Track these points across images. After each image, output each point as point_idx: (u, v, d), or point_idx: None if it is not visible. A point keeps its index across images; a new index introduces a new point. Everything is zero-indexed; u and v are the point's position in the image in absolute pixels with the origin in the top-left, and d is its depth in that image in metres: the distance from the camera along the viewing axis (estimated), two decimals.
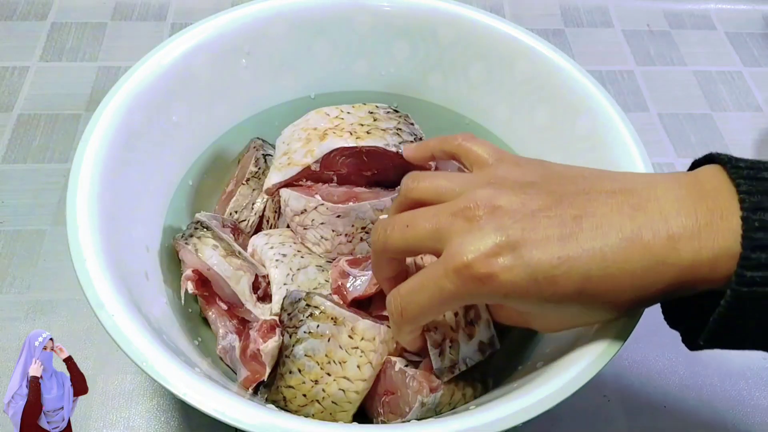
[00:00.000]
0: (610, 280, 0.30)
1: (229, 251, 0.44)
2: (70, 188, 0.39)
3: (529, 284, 0.30)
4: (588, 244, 0.30)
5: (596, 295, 0.30)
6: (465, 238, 0.31)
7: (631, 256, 0.29)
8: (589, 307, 0.32)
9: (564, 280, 0.30)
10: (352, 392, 0.39)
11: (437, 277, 0.31)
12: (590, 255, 0.30)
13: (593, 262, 0.30)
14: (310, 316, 0.40)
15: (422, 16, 0.52)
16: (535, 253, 0.30)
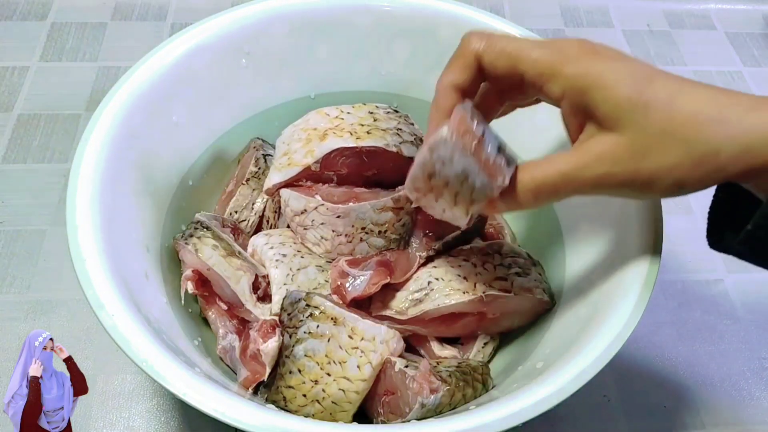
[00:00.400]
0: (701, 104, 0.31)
1: (229, 251, 0.44)
2: (70, 188, 0.39)
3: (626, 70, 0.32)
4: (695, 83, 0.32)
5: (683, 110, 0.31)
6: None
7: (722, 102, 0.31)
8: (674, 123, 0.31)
9: (661, 81, 0.32)
10: (352, 392, 0.39)
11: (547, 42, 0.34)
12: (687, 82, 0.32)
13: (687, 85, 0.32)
14: (310, 317, 0.40)
15: (422, 16, 0.52)
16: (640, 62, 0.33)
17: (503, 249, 0.46)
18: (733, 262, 0.53)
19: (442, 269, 0.45)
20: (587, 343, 0.36)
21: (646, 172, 0.32)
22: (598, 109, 0.32)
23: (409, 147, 0.46)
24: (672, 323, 0.58)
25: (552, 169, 0.34)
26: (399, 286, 0.45)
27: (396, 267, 0.45)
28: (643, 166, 0.32)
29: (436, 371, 0.40)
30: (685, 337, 0.57)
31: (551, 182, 0.34)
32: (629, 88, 0.32)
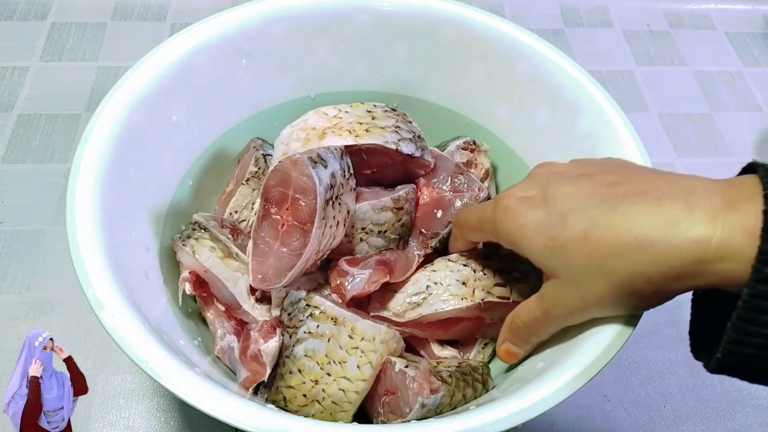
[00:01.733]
0: (615, 234, 0.31)
1: (227, 253, 0.44)
2: (70, 188, 0.39)
3: (542, 221, 0.34)
4: (610, 200, 0.32)
5: (599, 243, 0.32)
6: (517, 186, 0.37)
7: (645, 221, 0.31)
8: (594, 259, 0.32)
9: (573, 220, 0.33)
10: (352, 392, 0.39)
11: (487, 205, 0.39)
12: (606, 208, 0.32)
13: (604, 213, 0.32)
14: (310, 316, 0.40)
15: (422, 16, 0.52)
16: (560, 200, 0.34)
17: (503, 252, 0.46)
18: None
19: (441, 273, 0.44)
20: (587, 343, 0.36)
21: (595, 306, 0.35)
22: (532, 260, 0.36)
23: (407, 144, 0.46)
24: (672, 323, 0.58)
25: (531, 315, 0.38)
26: (398, 286, 0.45)
27: (395, 266, 0.45)
28: (589, 303, 0.34)
29: (437, 371, 0.40)
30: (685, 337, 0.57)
31: (536, 325, 0.38)
32: (545, 236, 0.34)
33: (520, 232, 0.35)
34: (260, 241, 0.41)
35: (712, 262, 0.29)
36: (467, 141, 0.52)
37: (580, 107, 0.48)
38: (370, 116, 0.46)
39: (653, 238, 0.30)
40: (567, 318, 0.37)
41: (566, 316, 0.36)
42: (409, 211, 0.46)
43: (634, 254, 0.31)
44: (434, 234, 0.47)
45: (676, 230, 0.30)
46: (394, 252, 0.46)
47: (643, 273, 0.31)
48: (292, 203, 0.40)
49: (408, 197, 0.46)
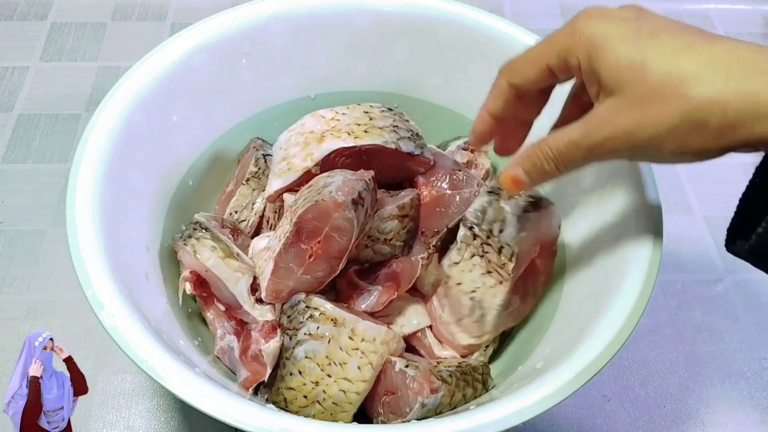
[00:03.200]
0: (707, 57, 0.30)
1: (228, 253, 0.44)
2: (70, 188, 0.39)
3: (633, 29, 0.32)
4: (707, 35, 0.31)
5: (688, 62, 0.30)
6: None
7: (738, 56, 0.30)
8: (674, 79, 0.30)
9: (666, 36, 0.31)
10: (353, 393, 0.39)
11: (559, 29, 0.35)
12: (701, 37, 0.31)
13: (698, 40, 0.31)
14: (310, 318, 0.40)
15: (422, 16, 0.52)
16: (655, 20, 0.33)
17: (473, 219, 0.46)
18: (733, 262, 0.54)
19: (467, 280, 0.44)
20: (587, 343, 0.36)
21: (645, 136, 0.31)
22: (602, 71, 0.32)
23: (406, 143, 0.46)
24: (672, 323, 0.58)
25: (564, 138, 0.34)
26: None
27: (402, 279, 0.45)
28: (641, 130, 0.31)
29: (437, 371, 0.40)
30: (685, 337, 0.57)
31: (566, 150, 0.34)
32: (629, 46, 0.31)
33: (601, 38, 0.32)
34: (283, 264, 0.41)
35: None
36: (467, 141, 0.52)
37: None
38: (367, 117, 0.46)
39: (744, 74, 0.29)
40: (605, 145, 0.32)
41: (607, 141, 0.32)
42: (414, 217, 0.46)
43: (721, 82, 0.29)
44: (435, 232, 0.47)
45: (763, 75, 0.29)
46: (400, 261, 0.46)
47: (722, 100, 0.29)
48: (325, 239, 0.40)
49: (413, 204, 0.45)
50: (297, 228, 0.40)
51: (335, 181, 0.40)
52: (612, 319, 0.36)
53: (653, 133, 0.31)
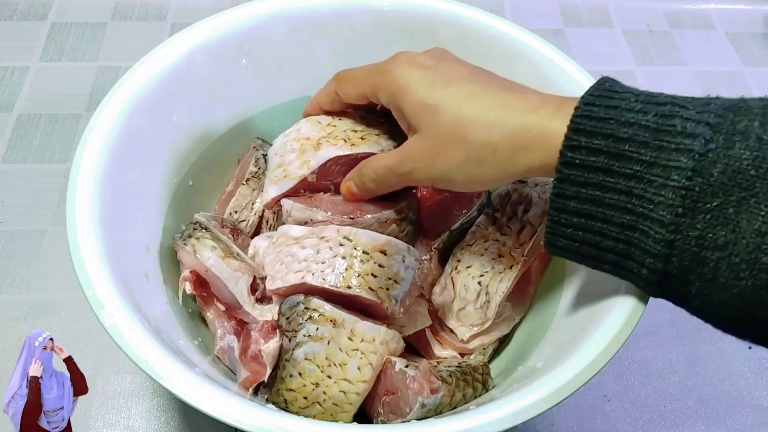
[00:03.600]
0: (483, 108, 0.36)
1: (228, 252, 0.44)
2: (70, 188, 0.39)
3: (425, 76, 0.38)
4: (487, 84, 0.38)
5: (467, 113, 0.36)
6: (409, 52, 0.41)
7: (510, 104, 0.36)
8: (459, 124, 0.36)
9: (456, 86, 0.37)
10: (353, 393, 0.39)
11: (377, 64, 0.42)
12: (483, 88, 0.37)
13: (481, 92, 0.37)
14: (309, 319, 0.40)
15: (422, 16, 0.52)
16: (450, 70, 0.39)
17: (496, 204, 0.47)
18: None
19: (477, 263, 0.45)
20: (587, 343, 0.36)
21: (440, 170, 0.38)
22: (405, 111, 0.39)
23: None
24: (672, 323, 0.58)
25: (382, 163, 0.41)
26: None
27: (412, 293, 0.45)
28: (437, 164, 0.38)
29: (437, 371, 0.40)
30: (685, 337, 0.57)
31: (383, 174, 0.41)
32: (424, 93, 0.37)
33: (405, 86, 0.38)
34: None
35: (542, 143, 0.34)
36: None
37: None
38: (364, 123, 0.46)
39: (511, 118, 0.35)
40: (412, 174, 0.39)
41: (413, 172, 0.39)
42: (413, 220, 0.46)
43: (493, 127, 0.35)
44: (437, 235, 0.47)
45: (529, 115, 0.34)
46: None
47: (492, 142, 0.35)
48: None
49: (411, 206, 0.45)
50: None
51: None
52: (612, 319, 0.36)
53: (446, 168, 0.37)
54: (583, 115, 0.32)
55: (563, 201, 0.33)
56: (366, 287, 0.40)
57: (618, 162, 0.31)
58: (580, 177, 0.32)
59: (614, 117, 0.31)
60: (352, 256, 0.40)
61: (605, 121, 0.31)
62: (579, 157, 0.31)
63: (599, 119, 0.32)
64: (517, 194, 0.46)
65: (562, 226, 0.33)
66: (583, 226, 0.33)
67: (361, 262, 0.40)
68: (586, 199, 0.32)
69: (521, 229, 0.45)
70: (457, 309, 0.46)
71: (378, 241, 0.41)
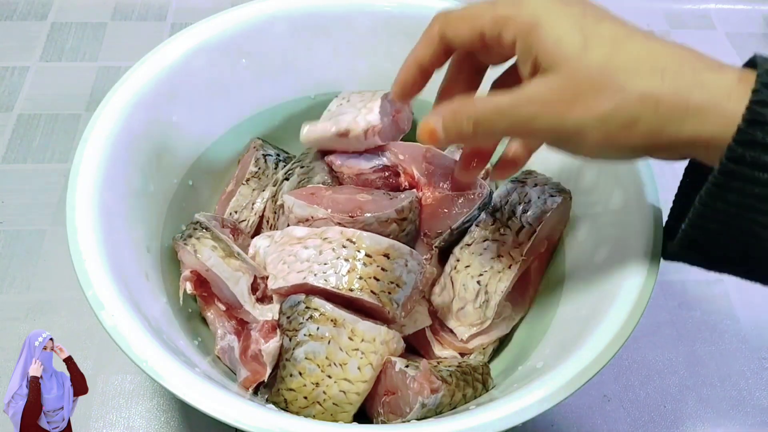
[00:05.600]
0: (646, 53, 0.29)
1: (228, 252, 0.44)
2: (70, 188, 0.39)
3: (577, 11, 0.30)
4: (648, 33, 0.30)
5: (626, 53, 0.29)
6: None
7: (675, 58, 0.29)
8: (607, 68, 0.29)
9: (609, 23, 0.30)
10: (353, 393, 0.39)
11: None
12: (643, 35, 0.30)
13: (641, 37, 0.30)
14: (310, 319, 0.40)
15: (422, 16, 0.52)
16: (599, 8, 0.31)
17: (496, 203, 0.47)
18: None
19: (476, 263, 0.45)
20: (587, 343, 0.36)
21: (573, 120, 0.30)
22: (540, 47, 0.31)
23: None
24: (672, 323, 0.58)
25: (492, 104, 0.32)
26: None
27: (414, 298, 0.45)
28: (570, 113, 0.30)
29: (437, 371, 0.40)
30: (685, 337, 0.57)
31: (490, 117, 0.32)
32: (572, 25, 0.30)
33: (543, 18, 0.30)
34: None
35: (706, 113, 0.28)
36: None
37: None
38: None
39: (685, 71, 0.29)
40: (531, 123, 0.31)
41: (533, 119, 0.31)
42: (413, 219, 0.46)
43: (660, 76, 0.28)
44: (438, 234, 0.47)
45: (707, 74, 0.29)
46: None
47: (655, 97, 0.28)
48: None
49: (412, 207, 0.45)
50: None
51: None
52: (612, 319, 0.36)
53: (581, 121, 0.30)
54: (762, 102, 0.26)
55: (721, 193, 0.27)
56: (368, 290, 0.40)
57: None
58: (748, 175, 0.26)
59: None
60: (354, 258, 0.40)
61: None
62: (751, 153, 0.26)
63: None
64: (516, 194, 0.47)
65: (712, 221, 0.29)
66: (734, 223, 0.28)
67: (363, 265, 0.40)
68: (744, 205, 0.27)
69: (520, 229, 0.45)
70: (457, 309, 0.46)
71: (381, 244, 0.41)
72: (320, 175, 0.48)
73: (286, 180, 0.50)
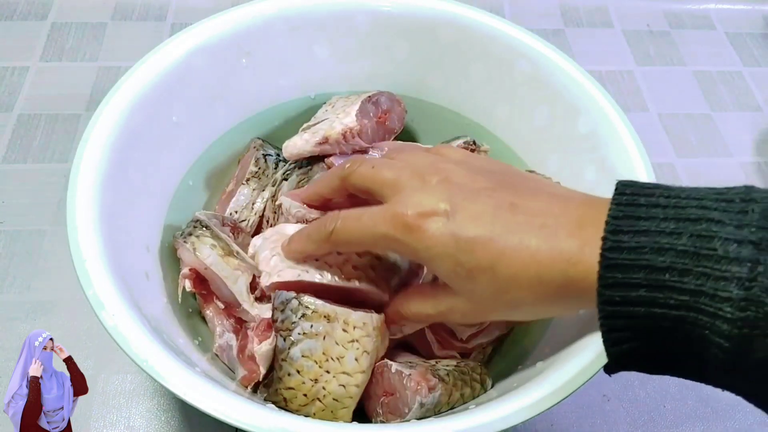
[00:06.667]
0: (519, 268, 0.33)
1: (227, 251, 0.44)
2: (70, 188, 0.39)
3: (449, 244, 0.34)
4: (513, 229, 0.33)
5: (504, 277, 0.33)
6: (414, 194, 0.35)
7: (546, 256, 0.32)
8: (499, 288, 0.34)
9: (481, 250, 0.33)
10: (353, 386, 0.39)
11: (377, 217, 0.36)
12: (511, 238, 0.33)
13: (509, 245, 0.33)
14: (303, 317, 0.39)
15: (422, 16, 0.52)
16: (466, 222, 0.34)
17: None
18: None
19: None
20: (587, 342, 0.36)
21: (485, 318, 0.42)
22: (438, 275, 0.36)
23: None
24: None
25: (424, 310, 0.39)
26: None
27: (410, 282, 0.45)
28: (482, 316, 0.40)
29: (434, 370, 0.40)
30: None
31: (422, 318, 0.40)
32: (453, 262, 0.34)
33: (426, 254, 0.35)
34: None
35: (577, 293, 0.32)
36: (467, 141, 0.52)
37: (580, 107, 0.48)
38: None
39: (553, 276, 0.32)
40: (455, 321, 0.42)
41: (457, 321, 0.42)
42: None
43: (536, 287, 0.33)
44: None
45: (570, 268, 0.32)
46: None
47: (540, 301, 0.33)
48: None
49: None
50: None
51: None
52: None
53: (489, 318, 0.43)
54: (613, 248, 0.29)
55: (615, 334, 0.31)
56: (366, 280, 0.40)
57: (662, 293, 0.28)
58: (624, 312, 0.30)
59: (647, 245, 0.29)
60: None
61: (638, 251, 0.29)
62: (618, 294, 0.29)
63: (631, 249, 0.29)
64: None
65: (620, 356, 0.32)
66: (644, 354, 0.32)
67: (358, 255, 0.41)
68: (636, 329, 0.30)
69: None
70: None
71: None
72: (320, 175, 0.48)
73: (285, 180, 0.50)
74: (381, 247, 0.40)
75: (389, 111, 0.51)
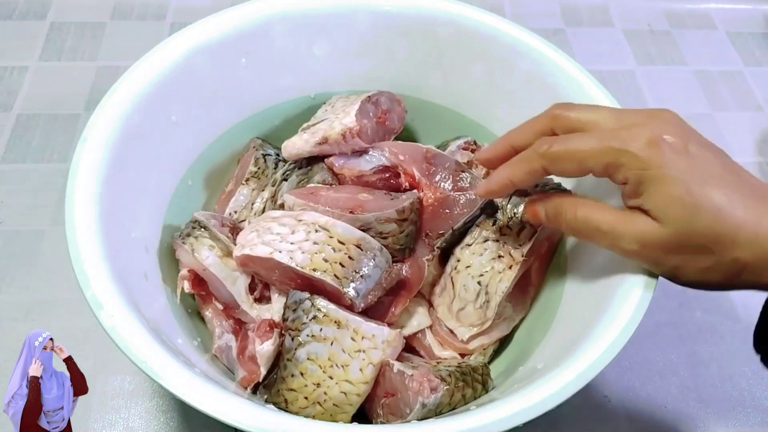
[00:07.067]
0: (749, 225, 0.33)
1: (226, 252, 0.44)
2: (69, 188, 0.39)
3: (685, 170, 0.33)
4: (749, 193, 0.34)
5: (729, 225, 0.33)
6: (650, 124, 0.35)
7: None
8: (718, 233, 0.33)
9: (717, 188, 0.33)
10: (354, 395, 0.39)
11: (608, 133, 0.36)
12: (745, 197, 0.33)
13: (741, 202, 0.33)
14: (314, 319, 0.39)
15: (422, 16, 0.52)
16: (702, 160, 0.34)
17: (496, 205, 0.47)
18: None
19: (476, 263, 0.45)
20: (588, 344, 0.36)
21: (673, 263, 0.35)
22: (650, 200, 0.35)
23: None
24: (672, 323, 0.57)
25: (595, 221, 0.37)
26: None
27: (412, 282, 0.45)
28: (672, 259, 0.35)
29: (436, 370, 0.40)
30: (685, 337, 0.57)
31: (584, 226, 0.37)
32: (681, 189, 0.33)
33: (657, 172, 0.34)
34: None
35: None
36: (468, 141, 0.52)
37: None
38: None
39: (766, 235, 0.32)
40: (622, 245, 0.36)
41: (626, 244, 0.36)
42: (414, 220, 0.46)
43: (750, 245, 0.32)
44: (439, 234, 0.46)
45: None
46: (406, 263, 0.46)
47: (742, 262, 0.33)
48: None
49: (413, 207, 0.45)
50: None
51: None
52: (613, 320, 0.36)
53: (678, 269, 0.35)
54: None
55: None
56: (332, 274, 0.40)
57: None
58: None
59: None
60: (325, 243, 0.41)
61: None
62: None
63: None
64: (516, 196, 0.46)
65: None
66: None
67: (333, 250, 0.41)
68: None
69: (521, 229, 0.45)
70: (457, 309, 0.46)
71: (354, 234, 0.42)
72: (320, 174, 0.48)
73: (284, 180, 0.50)
74: (597, 161, 0.36)
75: (389, 111, 0.51)
